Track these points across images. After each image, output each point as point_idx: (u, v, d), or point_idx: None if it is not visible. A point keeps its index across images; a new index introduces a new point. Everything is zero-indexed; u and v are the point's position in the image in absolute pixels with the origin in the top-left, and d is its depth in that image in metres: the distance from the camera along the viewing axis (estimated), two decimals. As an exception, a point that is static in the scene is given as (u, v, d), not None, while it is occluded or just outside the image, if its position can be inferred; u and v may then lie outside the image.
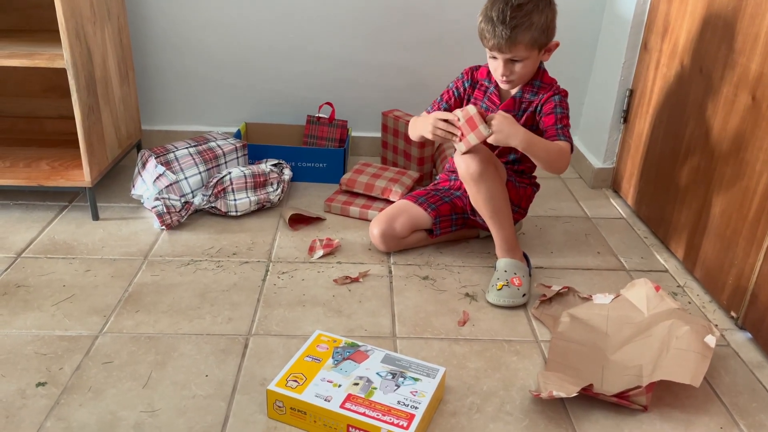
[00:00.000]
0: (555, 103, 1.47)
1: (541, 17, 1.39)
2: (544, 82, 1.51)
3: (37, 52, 1.61)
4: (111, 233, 1.66)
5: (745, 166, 1.37)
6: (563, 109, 1.47)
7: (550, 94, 1.49)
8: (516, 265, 1.47)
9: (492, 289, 1.44)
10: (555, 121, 1.46)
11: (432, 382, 1.10)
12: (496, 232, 1.49)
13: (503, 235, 1.49)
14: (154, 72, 2.14)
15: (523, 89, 1.51)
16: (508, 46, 1.39)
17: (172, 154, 1.75)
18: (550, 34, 1.43)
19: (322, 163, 2.01)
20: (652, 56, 1.81)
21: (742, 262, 1.37)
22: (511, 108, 1.51)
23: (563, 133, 1.45)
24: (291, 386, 1.07)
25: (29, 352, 1.22)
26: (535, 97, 1.50)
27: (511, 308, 1.42)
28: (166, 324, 1.32)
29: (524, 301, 1.43)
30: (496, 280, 1.45)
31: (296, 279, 1.50)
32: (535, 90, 1.50)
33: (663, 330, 1.23)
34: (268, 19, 2.08)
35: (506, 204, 1.48)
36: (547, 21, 1.40)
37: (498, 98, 1.54)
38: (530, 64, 1.44)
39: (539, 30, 1.39)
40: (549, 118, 1.47)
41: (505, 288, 1.43)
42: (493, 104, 1.54)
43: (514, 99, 1.52)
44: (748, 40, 1.37)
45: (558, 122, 1.46)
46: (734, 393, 1.20)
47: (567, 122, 1.47)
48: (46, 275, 1.47)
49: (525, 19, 1.36)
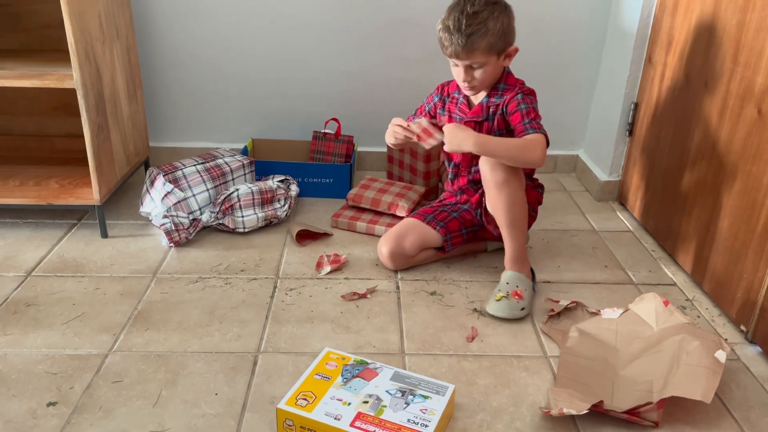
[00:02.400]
0: (518, 101, 1.48)
1: (497, 23, 1.41)
2: (508, 84, 1.52)
3: (47, 73, 1.63)
4: (120, 251, 1.67)
5: (752, 179, 1.37)
6: (527, 105, 1.48)
7: (512, 94, 1.49)
8: (520, 279, 1.47)
9: (492, 300, 1.45)
10: (521, 117, 1.47)
11: (442, 400, 1.10)
12: (509, 241, 1.49)
13: (514, 246, 1.49)
14: (162, 90, 2.16)
15: (489, 94, 1.53)
16: (465, 53, 1.42)
17: (180, 171, 1.76)
18: (507, 40, 1.45)
19: (328, 179, 2.02)
20: (656, 69, 1.82)
21: (751, 275, 1.37)
22: (479, 114, 1.53)
23: (532, 126, 1.45)
24: (301, 405, 1.07)
25: (40, 372, 1.22)
26: (500, 100, 1.51)
27: (511, 321, 1.42)
28: (175, 342, 1.32)
29: (522, 315, 1.43)
30: (498, 291, 1.46)
31: (304, 295, 1.50)
32: (500, 93, 1.52)
33: (673, 345, 1.22)
34: (274, 36, 2.10)
35: (524, 214, 1.49)
36: (503, 27, 1.42)
37: (467, 107, 1.57)
38: (490, 69, 1.47)
39: (495, 36, 1.41)
40: (515, 116, 1.48)
41: (504, 300, 1.43)
42: (464, 114, 1.57)
43: (481, 105, 1.54)
44: (753, 53, 1.38)
45: (524, 117, 1.47)
46: (745, 408, 1.19)
47: (534, 115, 1.47)
48: (56, 294, 1.48)
49: (480, 26, 1.39)
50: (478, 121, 1.54)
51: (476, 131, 1.50)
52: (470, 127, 1.52)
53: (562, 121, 2.23)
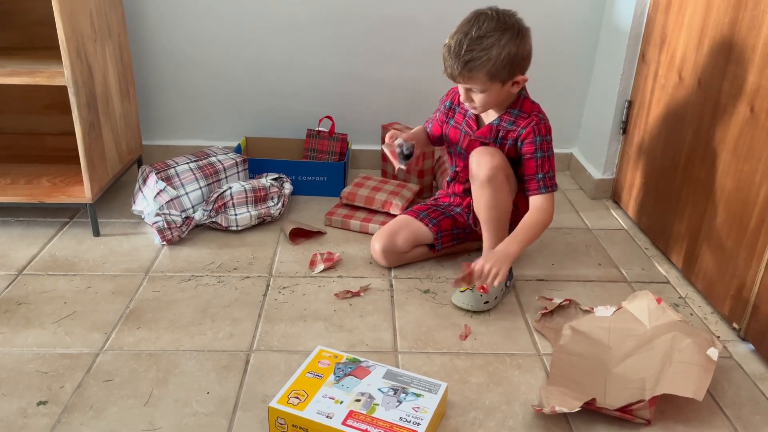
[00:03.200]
0: (536, 146, 1.43)
1: (503, 51, 1.31)
2: (523, 111, 1.45)
3: (38, 70, 1.62)
4: (112, 249, 1.66)
5: (744, 177, 1.37)
6: (544, 152, 1.44)
7: (529, 130, 1.42)
8: None
9: (456, 290, 1.47)
10: (536, 169, 1.44)
11: (434, 398, 1.10)
12: (488, 238, 1.49)
13: (493, 243, 1.48)
14: (155, 87, 2.15)
15: (501, 117, 1.46)
16: (462, 78, 1.35)
17: (173, 169, 1.75)
18: (514, 69, 1.35)
19: (322, 177, 2.01)
20: (650, 68, 1.82)
21: (743, 273, 1.37)
22: (487, 135, 1.48)
23: (545, 185, 1.44)
24: (292, 403, 1.07)
25: (30, 371, 1.22)
26: (512, 126, 1.44)
27: (504, 320, 1.42)
28: (167, 341, 1.31)
29: (485, 308, 1.44)
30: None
31: (297, 294, 1.50)
32: (513, 119, 1.44)
33: (665, 343, 1.22)
34: (268, 34, 2.09)
35: (506, 215, 1.48)
36: (509, 56, 1.32)
37: (476, 124, 1.51)
38: (493, 95, 1.38)
39: (498, 65, 1.31)
40: (530, 164, 1.44)
41: (468, 291, 1.45)
42: (470, 129, 1.51)
43: (491, 126, 1.47)
44: (745, 51, 1.38)
45: (539, 170, 1.44)
46: (737, 405, 1.19)
47: (548, 167, 1.44)
48: (48, 292, 1.47)
49: (482, 53, 1.30)
50: (485, 142, 1.48)
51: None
52: (475, 145, 1.48)
53: (557, 120, 2.20)
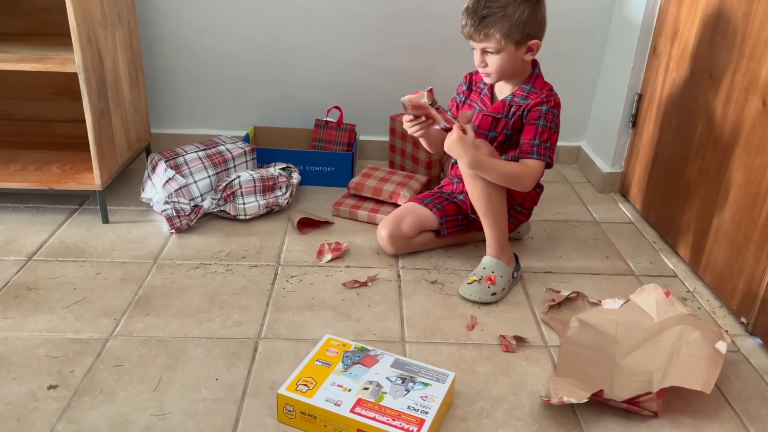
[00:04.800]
0: (540, 113, 1.44)
1: (517, 11, 1.36)
2: (535, 87, 1.48)
3: (49, 57, 1.63)
4: (121, 236, 1.67)
5: (755, 172, 1.36)
6: (546, 122, 1.44)
7: (538, 101, 1.45)
8: (498, 265, 1.48)
9: (464, 282, 1.48)
10: (534, 135, 1.44)
11: (442, 387, 1.10)
12: (488, 230, 1.50)
13: (494, 234, 1.49)
14: (164, 76, 2.15)
15: (514, 93, 1.49)
16: (478, 35, 1.38)
17: (182, 157, 1.76)
18: (528, 31, 1.39)
19: (330, 167, 2.01)
20: (661, 60, 1.81)
21: (752, 267, 1.36)
22: (500, 110, 1.50)
23: (538, 151, 1.44)
24: (301, 390, 1.08)
25: (40, 355, 1.23)
26: (524, 101, 1.47)
27: (511, 310, 1.43)
28: (175, 327, 1.32)
29: (493, 300, 1.45)
30: (472, 274, 1.48)
31: (305, 283, 1.50)
32: (526, 94, 1.48)
33: (673, 335, 1.22)
34: (277, 23, 2.08)
35: (502, 204, 1.48)
36: (524, 17, 1.36)
37: (490, 100, 1.54)
38: (506, 58, 1.41)
39: (513, 24, 1.36)
40: (529, 129, 1.45)
41: (476, 284, 1.45)
42: (484, 106, 1.54)
43: (503, 102, 1.50)
44: (758, 44, 1.37)
45: (536, 136, 1.44)
46: (744, 399, 1.19)
47: (546, 137, 1.44)
48: (57, 278, 1.48)
49: (498, 10, 1.36)
50: (497, 117, 1.51)
51: (491, 127, 1.51)
52: (487, 121, 1.51)
53: (566, 112, 2.20)
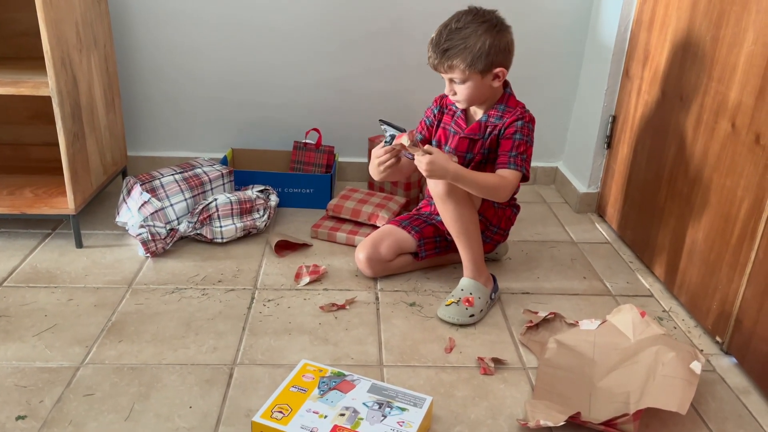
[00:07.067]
0: (516, 128, 1.47)
1: (479, 41, 1.38)
2: (508, 106, 1.51)
3: (23, 80, 1.61)
4: (95, 261, 1.65)
5: (726, 192, 1.39)
6: (523, 136, 1.48)
7: (514, 118, 1.48)
8: (475, 287, 1.48)
9: (442, 304, 1.48)
10: (511, 147, 1.47)
11: (419, 412, 1.09)
12: (463, 251, 1.51)
13: (469, 255, 1.50)
14: (141, 99, 2.14)
15: (488, 113, 1.52)
16: (442, 66, 1.42)
17: (158, 180, 1.74)
18: (492, 60, 1.41)
19: (308, 189, 2.01)
20: (633, 83, 1.84)
21: (725, 287, 1.38)
22: (477, 131, 1.52)
23: (515, 162, 1.46)
24: (276, 418, 1.06)
25: (9, 385, 1.19)
26: (499, 121, 1.50)
27: (489, 332, 1.43)
28: (149, 354, 1.30)
29: (471, 321, 1.45)
30: (450, 296, 1.49)
31: (282, 307, 1.49)
32: (500, 114, 1.50)
33: (649, 356, 1.23)
34: (254, 46, 2.09)
35: (475, 226, 1.49)
36: (485, 47, 1.39)
37: (464, 122, 1.56)
38: (473, 86, 1.44)
39: (475, 55, 1.38)
40: (506, 143, 1.48)
41: (454, 305, 1.46)
42: (459, 128, 1.56)
43: (479, 123, 1.53)
44: (726, 68, 1.40)
45: (513, 149, 1.47)
46: (721, 419, 1.20)
47: (524, 149, 1.47)
48: (28, 305, 1.45)
49: (459, 42, 1.38)
50: (474, 139, 1.53)
51: (469, 148, 1.52)
52: (464, 143, 1.53)
53: (542, 134, 2.23)
